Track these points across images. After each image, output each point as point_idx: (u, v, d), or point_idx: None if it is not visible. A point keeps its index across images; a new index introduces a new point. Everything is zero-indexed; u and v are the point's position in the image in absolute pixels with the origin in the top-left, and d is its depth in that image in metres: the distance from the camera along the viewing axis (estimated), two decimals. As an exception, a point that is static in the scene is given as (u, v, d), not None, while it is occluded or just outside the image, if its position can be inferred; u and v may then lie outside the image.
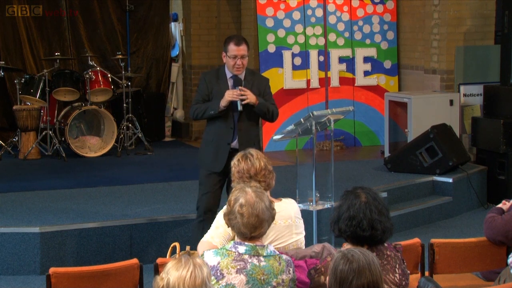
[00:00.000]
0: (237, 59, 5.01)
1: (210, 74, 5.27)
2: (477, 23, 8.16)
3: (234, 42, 5.03)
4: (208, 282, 2.48)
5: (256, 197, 3.11)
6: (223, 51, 5.10)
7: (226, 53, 5.05)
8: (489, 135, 7.47)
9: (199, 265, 2.48)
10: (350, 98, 9.00)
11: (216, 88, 5.10)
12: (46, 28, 9.39)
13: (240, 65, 5.02)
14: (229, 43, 5.04)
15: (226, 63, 5.09)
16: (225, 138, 5.10)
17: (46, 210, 6.07)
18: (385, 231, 3.11)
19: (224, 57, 5.10)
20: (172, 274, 2.45)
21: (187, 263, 2.47)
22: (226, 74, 5.14)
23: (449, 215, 7.03)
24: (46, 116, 8.33)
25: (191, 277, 2.44)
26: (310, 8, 8.91)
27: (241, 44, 5.03)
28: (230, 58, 5.03)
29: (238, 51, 5.00)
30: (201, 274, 2.46)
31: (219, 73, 5.18)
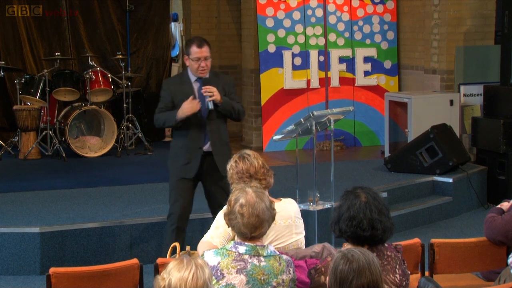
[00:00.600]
0: (200, 61, 4.93)
1: (173, 81, 5.22)
2: (477, 23, 8.16)
3: (196, 45, 4.95)
4: (210, 284, 2.48)
5: (257, 197, 3.11)
6: (185, 54, 5.03)
7: (189, 56, 4.96)
8: (489, 135, 7.47)
9: (201, 266, 2.48)
10: (350, 98, 9.00)
11: (180, 94, 4.99)
12: (46, 28, 9.39)
13: (204, 67, 4.95)
14: (191, 46, 4.96)
15: (190, 66, 5.00)
16: (196, 143, 5.02)
17: (46, 210, 6.07)
18: (386, 230, 3.11)
19: (187, 60, 5.00)
20: (174, 275, 2.45)
21: (189, 264, 2.47)
22: (190, 78, 5.05)
23: (449, 215, 7.03)
24: (46, 116, 8.33)
25: (193, 279, 2.44)
26: (310, 8, 8.91)
27: (203, 46, 4.95)
28: (193, 61, 4.94)
29: (200, 53, 4.93)
30: (203, 275, 2.46)
31: (183, 78, 5.09)
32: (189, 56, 4.97)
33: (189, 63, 5.01)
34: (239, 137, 9.59)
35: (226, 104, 4.99)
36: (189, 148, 5.02)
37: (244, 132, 9.32)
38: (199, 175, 5.09)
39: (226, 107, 5.00)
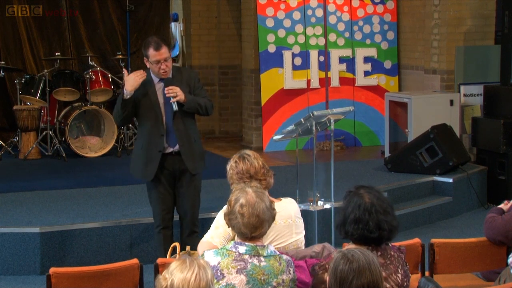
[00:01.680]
0: (160, 64, 4.78)
1: None
2: (477, 23, 8.16)
3: (153, 47, 4.77)
4: (212, 285, 2.47)
5: (257, 197, 3.11)
6: (144, 57, 4.86)
7: (148, 59, 4.82)
8: (489, 135, 7.47)
9: (203, 267, 2.47)
10: (350, 98, 9.00)
11: (142, 97, 4.85)
12: (46, 28, 9.39)
13: (165, 69, 4.81)
14: (148, 49, 4.79)
15: (151, 69, 4.86)
16: (156, 146, 4.89)
17: (46, 210, 6.07)
18: (392, 230, 3.11)
19: (147, 63, 4.85)
20: (176, 275, 2.44)
21: (192, 264, 2.46)
22: (153, 79, 4.89)
23: (449, 215, 7.03)
24: (46, 116, 8.33)
25: (195, 280, 2.43)
26: (310, 8, 8.91)
27: (160, 48, 4.79)
28: (153, 64, 4.80)
29: (159, 55, 4.77)
30: (206, 276, 2.46)
31: (146, 79, 4.87)
32: (148, 59, 4.82)
33: (149, 65, 4.85)
34: (239, 137, 9.60)
35: (191, 102, 4.86)
36: (148, 151, 4.91)
37: (244, 132, 9.33)
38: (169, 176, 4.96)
39: (191, 105, 4.87)
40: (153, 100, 4.88)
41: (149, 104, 4.88)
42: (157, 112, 4.88)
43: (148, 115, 4.91)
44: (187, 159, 4.94)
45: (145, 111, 4.91)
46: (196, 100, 4.90)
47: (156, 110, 4.89)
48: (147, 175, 4.98)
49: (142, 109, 4.91)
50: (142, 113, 4.93)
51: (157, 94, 4.89)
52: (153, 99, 4.88)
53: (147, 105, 4.88)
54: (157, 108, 4.89)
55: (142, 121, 4.97)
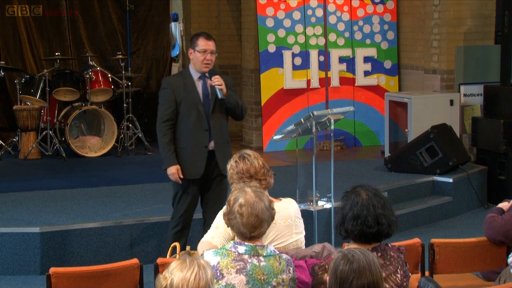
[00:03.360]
0: (206, 54, 4.84)
1: (174, 78, 5.07)
2: (477, 23, 8.16)
3: (204, 37, 4.87)
4: (212, 285, 2.48)
5: (256, 197, 3.11)
6: (189, 48, 4.93)
7: (194, 49, 4.86)
8: (489, 135, 7.47)
9: (203, 267, 2.48)
10: (350, 98, 9.00)
11: (183, 91, 4.89)
12: (46, 28, 9.39)
13: (209, 60, 4.86)
14: (198, 38, 4.87)
15: (194, 60, 4.88)
16: (201, 142, 4.90)
17: (46, 210, 6.07)
18: (391, 224, 3.12)
19: (191, 54, 4.89)
20: (176, 274, 2.45)
21: (192, 264, 2.46)
22: (192, 76, 4.94)
23: (449, 215, 7.03)
24: (46, 116, 8.33)
25: (195, 279, 2.44)
26: (310, 8, 8.91)
27: (210, 40, 4.89)
28: (199, 52, 4.83)
29: (208, 45, 4.85)
30: (205, 276, 2.46)
31: (185, 75, 4.96)
32: (195, 48, 4.86)
33: (193, 56, 4.89)
34: (239, 137, 9.60)
35: (232, 96, 4.93)
36: (193, 148, 4.90)
37: (244, 132, 9.33)
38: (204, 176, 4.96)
39: (231, 100, 4.92)
40: (195, 97, 4.91)
41: (191, 101, 4.90)
42: (199, 108, 4.90)
43: (190, 112, 4.92)
44: (220, 158, 4.92)
45: (188, 109, 4.92)
46: (235, 97, 4.97)
47: (198, 106, 4.91)
48: (196, 172, 4.92)
49: (185, 107, 4.91)
50: (184, 111, 4.93)
51: (198, 90, 4.92)
52: (195, 96, 4.91)
53: (189, 102, 4.90)
54: (199, 104, 4.91)
55: (183, 119, 4.93)
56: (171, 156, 4.91)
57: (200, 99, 4.93)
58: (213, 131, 4.93)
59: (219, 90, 4.84)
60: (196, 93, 4.92)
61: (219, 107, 4.94)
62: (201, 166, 4.91)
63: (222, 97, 4.84)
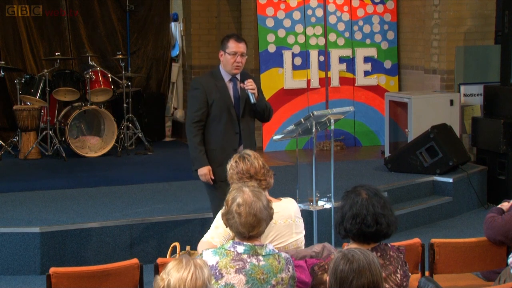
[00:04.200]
0: (237, 56, 4.84)
1: (205, 78, 4.98)
2: (477, 23, 8.16)
3: (235, 39, 4.88)
4: (209, 284, 2.48)
5: (254, 196, 3.11)
6: (220, 50, 4.93)
7: (225, 51, 4.86)
8: (489, 135, 7.46)
9: (200, 266, 2.48)
10: (350, 98, 9.00)
11: (215, 92, 4.86)
12: (46, 28, 9.39)
13: (239, 63, 4.86)
14: (229, 40, 4.87)
15: (224, 62, 4.88)
16: (231, 144, 4.87)
17: (46, 210, 6.07)
18: (390, 224, 3.11)
19: (222, 56, 4.89)
20: (173, 275, 2.46)
21: (188, 264, 2.47)
22: (223, 78, 4.92)
23: (449, 215, 7.03)
24: (46, 116, 8.33)
25: (192, 279, 2.44)
26: (310, 8, 8.91)
27: (241, 42, 4.90)
28: (230, 55, 4.83)
29: (238, 48, 4.85)
30: (202, 275, 2.47)
31: (216, 76, 4.92)
32: (226, 51, 4.84)
33: (224, 58, 4.87)
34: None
35: (262, 100, 4.91)
36: (224, 150, 4.81)
37: (244, 132, 9.31)
38: None
39: (261, 103, 4.90)
40: (227, 99, 4.88)
41: (223, 103, 4.87)
42: (231, 110, 4.88)
43: (222, 114, 4.88)
44: None
45: (219, 111, 4.88)
46: (264, 100, 4.95)
47: (230, 109, 4.88)
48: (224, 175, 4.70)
49: (217, 109, 4.87)
50: (216, 113, 4.88)
51: (230, 92, 4.90)
52: (227, 98, 4.88)
53: (221, 104, 4.87)
54: (231, 107, 4.89)
55: (214, 120, 4.88)
56: (202, 157, 4.86)
57: (232, 102, 4.90)
58: (243, 134, 4.92)
59: (252, 95, 4.82)
60: (228, 96, 4.89)
61: (248, 110, 4.92)
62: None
63: (254, 101, 4.82)
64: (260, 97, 4.91)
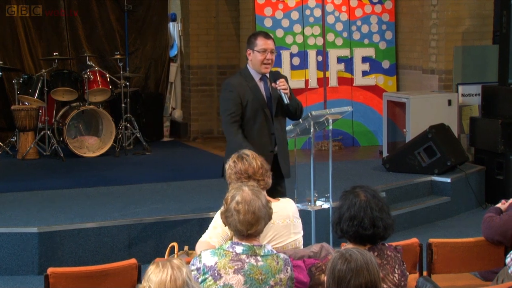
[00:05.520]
0: (266, 53, 4.65)
1: (237, 80, 4.76)
2: (475, 23, 8.17)
3: (263, 36, 4.70)
4: (190, 281, 2.52)
5: (253, 194, 3.11)
6: (247, 49, 4.73)
7: (253, 49, 4.67)
8: (487, 135, 7.47)
9: (177, 267, 2.52)
10: (349, 98, 9.00)
11: (248, 94, 4.68)
12: (44, 28, 9.39)
13: (269, 60, 4.68)
14: (257, 38, 4.69)
15: (253, 60, 4.70)
16: (268, 146, 4.72)
17: (44, 210, 6.06)
18: (387, 228, 3.11)
19: (250, 55, 4.71)
20: (152, 280, 2.50)
21: (165, 266, 2.51)
22: (254, 77, 4.73)
23: (447, 215, 7.03)
24: (44, 116, 8.32)
25: (171, 280, 2.48)
26: (308, 8, 8.91)
27: (269, 38, 4.72)
28: (259, 52, 4.65)
29: (267, 44, 4.65)
30: (181, 275, 2.50)
31: (246, 76, 4.74)
32: (254, 48, 4.67)
33: (252, 56, 4.70)
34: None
35: (294, 100, 4.77)
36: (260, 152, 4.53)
37: (243, 132, 9.31)
38: None
39: (294, 103, 4.75)
40: (261, 100, 4.73)
41: (257, 104, 4.71)
42: (265, 110, 4.73)
43: (257, 115, 4.72)
44: (282, 161, 4.79)
45: (254, 112, 4.72)
46: (296, 99, 4.81)
47: (264, 109, 4.73)
48: None
49: (251, 110, 4.71)
50: (250, 114, 4.72)
51: (262, 92, 4.75)
52: (260, 99, 4.73)
53: (256, 105, 4.71)
54: (265, 107, 4.73)
55: (249, 122, 4.72)
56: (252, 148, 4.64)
57: (265, 102, 4.75)
58: (277, 134, 4.78)
59: (285, 95, 4.66)
60: (261, 96, 4.73)
61: (280, 110, 4.77)
62: None
63: (287, 102, 4.68)
64: (292, 97, 4.77)
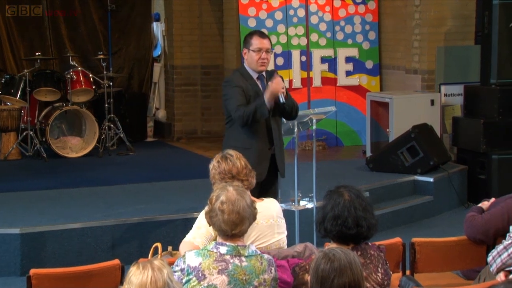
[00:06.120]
0: (262, 53, 4.68)
1: (237, 77, 4.77)
2: (457, 23, 8.22)
3: (258, 35, 4.73)
4: (171, 282, 2.52)
5: (238, 194, 3.12)
6: (244, 48, 4.75)
7: (249, 48, 4.70)
8: (469, 135, 7.52)
9: (158, 268, 2.52)
10: (332, 98, 9.03)
11: (251, 91, 4.68)
12: (27, 28, 9.32)
13: (265, 59, 4.70)
14: (252, 37, 4.72)
15: (249, 59, 4.72)
16: (265, 144, 4.72)
17: (27, 211, 6.02)
18: (371, 227, 3.13)
19: (246, 54, 4.73)
20: (133, 282, 2.50)
21: (146, 268, 2.51)
22: (251, 75, 4.75)
23: (430, 214, 7.06)
24: (26, 117, 8.27)
25: (151, 282, 2.48)
26: (292, 8, 8.92)
27: (265, 38, 4.75)
28: (254, 52, 4.68)
29: (263, 44, 4.69)
30: (162, 276, 2.50)
31: (244, 74, 4.76)
32: (250, 48, 4.70)
33: (248, 56, 4.72)
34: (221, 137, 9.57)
35: (290, 100, 4.76)
36: (258, 149, 4.65)
37: (227, 132, 9.30)
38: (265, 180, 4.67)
39: (290, 102, 4.75)
40: (260, 97, 4.68)
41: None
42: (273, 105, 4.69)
43: None
44: (279, 160, 4.80)
45: None
46: (292, 99, 4.79)
47: None
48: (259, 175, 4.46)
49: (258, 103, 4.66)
50: None
51: (260, 89, 4.74)
52: (260, 96, 4.69)
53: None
54: None
55: None
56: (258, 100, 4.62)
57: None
58: (274, 133, 4.78)
59: (281, 94, 4.65)
60: (260, 94, 4.71)
61: (276, 109, 4.76)
62: (264, 168, 4.66)
63: (283, 101, 4.66)
64: (289, 96, 4.76)
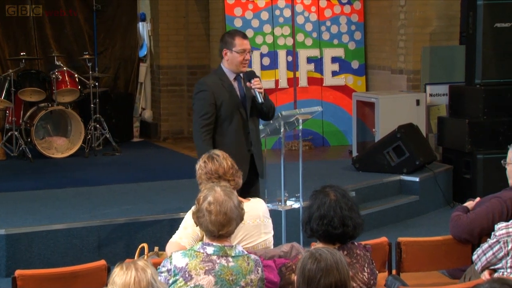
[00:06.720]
0: (245, 54, 4.65)
1: (211, 79, 4.74)
2: (442, 23, 8.26)
3: (241, 36, 4.70)
4: (155, 282, 2.53)
5: (225, 195, 3.12)
6: (224, 48, 4.68)
7: (231, 49, 4.64)
8: (454, 135, 7.56)
9: (141, 268, 2.52)
10: (318, 98, 9.05)
11: (222, 94, 4.63)
12: (11, 28, 9.27)
13: (247, 60, 4.66)
14: (234, 38, 4.68)
15: (230, 60, 4.67)
16: (244, 145, 4.70)
17: (12, 212, 5.99)
18: (356, 227, 3.14)
19: (226, 55, 4.67)
20: (116, 282, 2.50)
21: (129, 268, 2.52)
22: (228, 76, 4.70)
23: (416, 214, 7.10)
24: (11, 117, 8.22)
25: (135, 282, 2.49)
26: (278, 9, 8.93)
27: (246, 38, 4.75)
28: (238, 53, 4.63)
29: (246, 45, 4.67)
30: (145, 276, 2.51)
31: (221, 76, 4.70)
32: (232, 49, 4.63)
33: (230, 56, 4.66)
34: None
35: (268, 100, 4.74)
36: (237, 151, 4.53)
37: (213, 132, 9.29)
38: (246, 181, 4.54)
39: (268, 103, 4.73)
40: (236, 99, 4.68)
41: (233, 103, 4.66)
42: (240, 110, 4.69)
43: (233, 115, 4.67)
44: (258, 161, 4.78)
45: (230, 112, 4.66)
46: (269, 99, 4.78)
47: (240, 108, 4.69)
48: None
49: (227, 110, 4.65)
50: (225, 114, 4.66)
51: (237, 91, 4.71)
52: (235, 98, 4.68)
53: (231, 105, 4.65)
54: (240, 107, 4.69)
55: (225, 122, 4.67)
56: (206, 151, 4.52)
57: (240, 102, 4.71)
58: (252, 133, 4.75)
59: (259, 94, 4.63)
60: (236, 95, 4.70)
61: (254, 109, 4.74)
62: (245, 171, 4.53)
63: (262, 101, 4.64)
64: (266, 97, 4.75)
